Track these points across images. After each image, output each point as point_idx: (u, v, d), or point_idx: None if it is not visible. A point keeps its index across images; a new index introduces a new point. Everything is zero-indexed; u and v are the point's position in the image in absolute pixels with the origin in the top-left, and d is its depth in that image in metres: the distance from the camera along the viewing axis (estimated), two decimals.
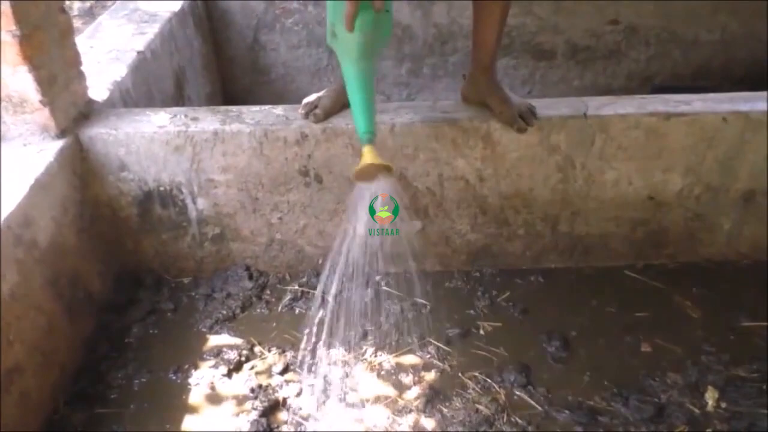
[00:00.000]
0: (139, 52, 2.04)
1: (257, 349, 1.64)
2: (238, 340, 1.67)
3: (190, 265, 1.86)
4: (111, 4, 2.53)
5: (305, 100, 1.71)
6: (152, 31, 2.19)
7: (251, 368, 1.59)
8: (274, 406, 1.48)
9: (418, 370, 1.59)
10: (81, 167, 1.65)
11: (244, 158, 1.68)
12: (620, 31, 2.82)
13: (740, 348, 1.63)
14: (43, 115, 1.54)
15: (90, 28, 2.25)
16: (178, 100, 2.33)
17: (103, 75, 1.88)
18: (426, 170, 1.72)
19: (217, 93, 2.83)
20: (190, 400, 1.51)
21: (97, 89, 1.80)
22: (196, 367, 1.59)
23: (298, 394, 1.52)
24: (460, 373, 1.58)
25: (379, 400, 1.51)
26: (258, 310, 1.77)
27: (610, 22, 2.82)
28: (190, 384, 1.55)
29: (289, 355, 1.62)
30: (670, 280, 1.86)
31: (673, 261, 1.92)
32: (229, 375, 1.57)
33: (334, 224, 1.80)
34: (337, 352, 1.62)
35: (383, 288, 1.83)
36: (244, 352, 1.62)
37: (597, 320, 1.74)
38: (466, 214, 1.80)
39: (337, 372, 1.57)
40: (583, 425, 1.44)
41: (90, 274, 1.68)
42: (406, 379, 1.56)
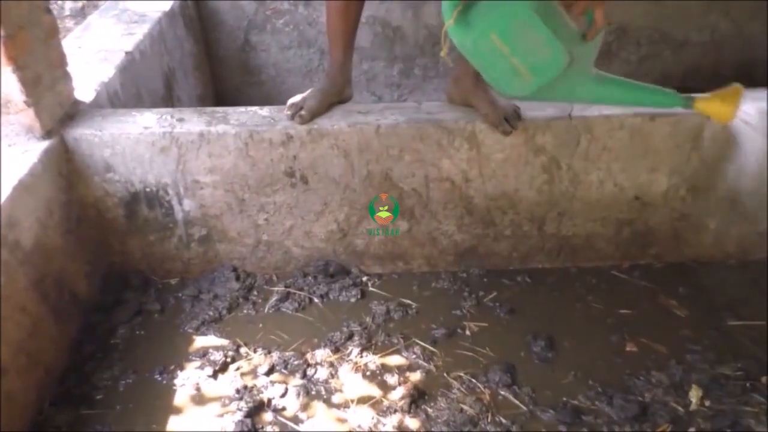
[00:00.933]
0: (128, 53, 2.04)
1: (243, 350, 1.65)
2: (225, 341, 1.67)
3: (177, 266, 1.86)
4: (102, 5, 2.53)
5: (290, 101, 1.71)
6: (141, 31, 2.19)
7: (237, 369, 1.59)
8: (259, 407, 1.48)
9: (403, 370, 1.59)
10: (66, 168, 1.65)
11: (230, 159, 1.68)
12: (611, 32, 2.82)
13: (725, 347, 1.64)
14: (28, 116, 1.54)
15: (79, 29, 2.25)
16: (168, 101, 2.33)
17: (91, 76, 1.88)
18: (412, 171, 1.73)
19: (207, 94, 2.82)
20: (176, 401, 1.51)
21: (85, 90, 1.80)
22: (182, 368, 1.59)
23: (283, 395, 1.52)
24: (446, 374, 1.58)
25: (363, 401, 1.51)
26: (245, 311, 1.77)
27: None
28: (175, 385, 1.55)
29: (275, 356, 1.62)
30: (656, 279, 1.87)
31: (659, 261, 1.92)
32: (215, 376, 1.57)
33: (320, 225, 1.80)
34: (322, 353, 1.62)
35: (370, 289, 1.83)
36: (230, 353, 1.62)
37: (583, 320, 1.74)
38: (452, 214, 1.81)
39: (323, 372, 1.58)
40: (567, 425, 1.45)
41: (76, 275, 1.68)
42: (392, 379, 1.56)
